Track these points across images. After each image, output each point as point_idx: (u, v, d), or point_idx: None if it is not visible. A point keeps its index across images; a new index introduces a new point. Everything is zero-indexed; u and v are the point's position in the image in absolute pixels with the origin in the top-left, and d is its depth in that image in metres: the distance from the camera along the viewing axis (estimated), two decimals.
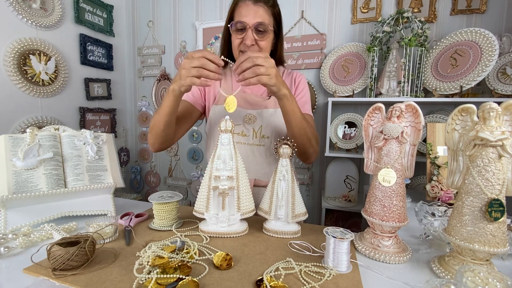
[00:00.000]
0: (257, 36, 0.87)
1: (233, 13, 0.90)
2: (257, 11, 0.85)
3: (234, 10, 0.89)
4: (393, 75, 1.63)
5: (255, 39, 0.87)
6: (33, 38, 1.70)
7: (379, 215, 0.63)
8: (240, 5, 0.87)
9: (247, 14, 0.85)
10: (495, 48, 1.40)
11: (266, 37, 0.89)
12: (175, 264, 0.54)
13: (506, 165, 0.54)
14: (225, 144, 0.72)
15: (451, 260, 0.57)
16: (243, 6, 0.86)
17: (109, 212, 0.86)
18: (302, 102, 0.99)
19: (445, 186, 1.11)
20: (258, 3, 0.86)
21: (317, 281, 0.52)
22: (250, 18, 0.85)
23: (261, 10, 0.86)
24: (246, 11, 0.85)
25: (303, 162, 0.99)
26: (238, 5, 0.88)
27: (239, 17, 0.87)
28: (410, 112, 0.65)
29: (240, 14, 0.86)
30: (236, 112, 0.93)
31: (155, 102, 2.40)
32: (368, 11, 1.81)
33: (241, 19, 0.86)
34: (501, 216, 0.51)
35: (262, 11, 0.86)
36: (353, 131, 1.77)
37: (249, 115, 0.96)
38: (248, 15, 0.85)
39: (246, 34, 0.86)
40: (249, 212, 0.74)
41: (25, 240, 0.66)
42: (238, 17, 0.87)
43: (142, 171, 2.57)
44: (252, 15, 0.85)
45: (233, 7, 0.90)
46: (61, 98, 1.91)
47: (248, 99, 0.97)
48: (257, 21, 0.85)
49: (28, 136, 0.81)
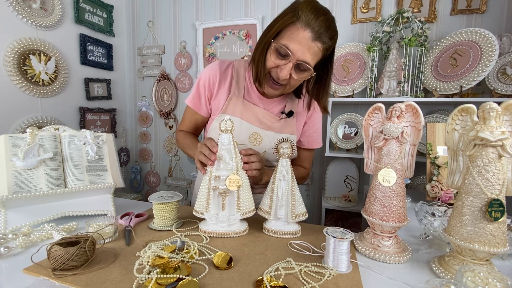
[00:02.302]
0: (294, 72, 0.75)
1: (284, 28, 0.73)
2: (311, 48, 0.71)
3: (287, 26, 0.72)
4: (393, 75, 1.63)
5: (291, 74, 0.76)
6: (33, 38, 1.70)
7: (379, 215, 0.63)
8: (298, 28, 0.70)
9: (299, 44, 0.70)
10: (495, 48, 1.40)
11: (302, 77, 0.78)
12: (175, 264, 0.54)
13: (506, 165, 0.54)
14: (225, 144, 0.72)
15: (451, 260, 0.57)
16: (300, 32, 0.70)
17: (109, 212, 0.86)
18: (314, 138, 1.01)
19: (445, 186, 1.11)
20: (317, 40, 0.70)
21: (317, 281, 0.52)
22: (300, 51, 0.71)
23: (316, 48, 0.71)
24: (299, 40, 0.70)
25: None
26: (295, 26, 0.70)
27: (290, 41, 0.71)
28: (410, 112, 0.65)
29: (293, 39, 0.71)
30: (243, 128, 0.89)
31: (155, 102, 2.40)
32: (368, 11, 1.81)
33: (290, 47, 0.71)
34: (501, 216, 0.51)
35: (316, 49, 0.72)
36: (353, 131, 1.77)
37: (255, 134, 0.90)
38: (300, 47, 0.71)
39: (285, 64, 0.74)
40: (249, 212, 0.74)
41: (25, 240, 0.66)
42: (288, 41, 0.71)
43: (142, 171, 2.57)
44: (304, 49, 0.71)
45: (289, 20, 0.71)
46: (61, 98, 1.91)
47: (259, 115, 0.90)
48: (304, 59, 0.72)
49: (28, 136, 0.81)
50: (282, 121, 0.92)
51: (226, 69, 0.93)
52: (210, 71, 0.93)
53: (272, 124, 0.91)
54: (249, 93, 0.92)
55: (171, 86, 2.32)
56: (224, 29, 2.13)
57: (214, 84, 0.92)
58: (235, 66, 0.94)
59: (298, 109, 0.95)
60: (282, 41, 0.72)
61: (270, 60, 0.76)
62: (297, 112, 0.95)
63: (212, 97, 0.94)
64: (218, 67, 0.92)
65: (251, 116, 0.90)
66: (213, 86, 0.92)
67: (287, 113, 0.92)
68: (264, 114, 0.91)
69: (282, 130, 0.92)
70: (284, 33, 0.73)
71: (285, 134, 0.92)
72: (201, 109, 0.97)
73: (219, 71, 0.92)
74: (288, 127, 0.93)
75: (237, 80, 0.92)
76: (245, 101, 0.91)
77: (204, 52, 2.21)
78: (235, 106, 0.90)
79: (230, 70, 0.93)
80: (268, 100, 0.92)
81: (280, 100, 0.93)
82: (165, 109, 2.37)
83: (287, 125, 0.93)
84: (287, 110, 0.93)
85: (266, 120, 0.91)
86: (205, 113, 0.98)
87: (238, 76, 0.92)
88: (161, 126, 2.44)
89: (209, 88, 0.93)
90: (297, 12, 0.70)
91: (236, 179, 0.70)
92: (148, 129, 2.49)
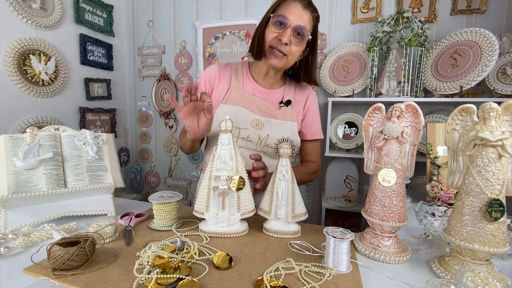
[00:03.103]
0: (293, 39, 0.85)
1: (278, 6, 0.86)
2: (303, 15, 0.84)
3: (280, 4, 0.86)
4: (393, 75, 1.63)
5: (291, 40, 0.85)
6: (33, 38, 1.70)
7: (379, 215, 0.63)
8: (288, 2, 0.85)
9: (293, 13, 0.83)
10: (495, 48, 1.40)
11: (301, 44, 0.87)
12: (175, 264, 0.54)
13: (506, 165, 0.54)
14: (225, 144, 0.72)
15: (451, 260, 0.57)
16: (292, 4, 0.84)
17: (109, 212, 0.86)
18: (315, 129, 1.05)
19: (445, 186, 1.11)
20: (307, 9, 0.84)
21: (317, 281, 0.52)
22: (295, 19, 0.83)
23: (306, 16, 0.84)
24: (293, 10, 0.83)
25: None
26: (287, 2, 0.85)
27: (285, 11, 0.84)
28: (410, 112, 0.65)
29: (286, 10, 0.84)
30: (244, 115, 0.93)
31: (155, 102, 2.40)
32: (368, 11, 1.80)
33: (287, 15, 0.83)
34: (501, 216, 0.51)
35: (307, 18, 0.85)
36: (353, 131, 1.77)
37: (256, 121, 0.94)
38: (294, 15, 0.83)
39: (284, 31, 0.84)
40: (249, 212, 0.74)
41: (25, 240, 0.66)
42: (284, 11, 0.84)
43: (142, 171, 2.57)
44: (298, 16, 0.83)
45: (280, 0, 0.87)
46: (61, 98, 1.91)
47: (259, 104, 0.96)
48: (300, 24, 0.83)
49: (28, 136, 0.81)
50: (282, 109, 0.97)
51: (224, 68, 1.01)
52: (210, 70, 1.01)
53: (272, 112, 0.96)
54: (247, 86, 0.98)
55: (171, 86, 2.32)
56: (224, 29, 2.13)
57: (214, 79, 0.99)
58: (234, 65, 1.02)
59: (295, 98, 1.01)
60: (279, 13, 0.85)
61: (271, 33, 0.86)
62: (295, 101, 1.01)
63: (213, 91, 0.99)
64: (217, 66, 1.01)
65: (251, 105, 0.95)
66: (213, 81, 0.99)
67: (285, 102, 0.97)
68: (263, 103, 0.96)
69: (283, 117, 0.96)
70: (279, 8, 0.86)
71: (286, 121, 0.96)
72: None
73: (218, 69, 1.00)
74: (288, 115, 0.98)
75: (235, 75, 0.99)
76: (245, 92, 0.97)
77: (204, 52, 2.21)
78: (235, 96, 0.95)
79: (228, 68, 1.01)
80: (266, 91, 0.98)
81: (277, 91, 1.00)
82: (165, 109, 2.37)
83: (287, 113, 0.97)
84: (285, 99, 0.98)
85: (266, 108, 0.96)
86: None
87: (237, 72, 1.00)
88: (161, 126, 2.44)
89: (210, 83, 0.99)
90: None
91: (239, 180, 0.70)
92: (148, 129, 2.49)
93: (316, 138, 1.06)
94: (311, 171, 1.05)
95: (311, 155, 1.07)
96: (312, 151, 1.07)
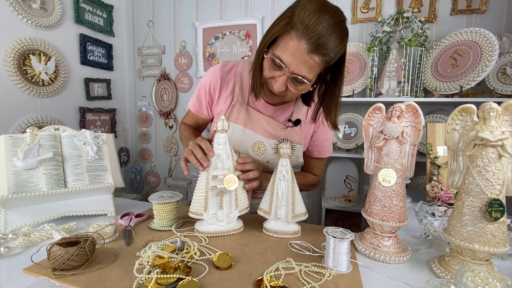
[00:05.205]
0: (290, 84, 0.69)
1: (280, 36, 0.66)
2: (306, 62, 0.64)
3: (283, 33, 0.64)
4: (393, 75, 1.63)
5: (287, 86, 0.70)
6: (33, 38, 1.70)
7: (379, 215, 0.63)
8: (292, 38, 0.62)
9: (293, 58, 0.64)
10: (495, 48, 1.40)
11: (300, 90, 0.71)
12: (175, 264, 0.54)
13: (506, 165, 0.54)
14: (221, 144, 0.72)
15: (451, 260, 0.57)
16: (295, 45, 0.62)
17: (109, 212, 0.86)
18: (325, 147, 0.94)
19: (445, 186, 1.11)
20: (314, 53, 0.62)
21: (317, 281, 0.52)
22: (294, 66, 0.65)
23: (313, 62, 0.64)
24: (294, 54, 0.63)
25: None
26: (290, 35, 0.63)
27: (283, 52, 0.64)
28: (410, 112, 0.65)
29: (287, 50, 0.64)
30: (246, 136, 0.86)
31: (155, 102, 2.40)
32: (368, 11, 1.81)
33: (283, 60, 0.65)
34: (501, 216, 0.51)
35: (313, 64, 0.64)
36: (353, 131, 1.77)
37: (259, 143, 0.85)
38: (294, 61, 0.64)
39: (279, 77, 0.68)
40: (245, 209, 0.76)
41: (25, 240, 0.66)
42: (282, 52, 0.64)
43: (142, 171, 2.57)
44: (298, 64, 0.64)
45: (283, 29, 0.64)
46: (61, 98, 1.91)
47: (264, 124, 0.85)
48: (299, 73, 0.65)
49: (28, 136, 0.81)
50: (288, 130, 0.86)
51: (228, 73, 0.88)
52: (211, 76, 0.88)
53: (277, 133, 0.86)
54: (253, 100, 0.86)
55: (171, 86, 2.32)
56: (224, 29, 2.13)
57: (215, 89, 0.88)
58: (239, 69, 0.88)
59: (307, 117, 0.89)
60: (276, 52, 0.66)
61: (266, 72, 0.71)
62: (305, 121, 0.88)
63: (213, 103, 0.91)
64: (219, 71, 0.87)
65: (255, 124, 0.85)
66: (213, 91, 0.89)
67: (294, 122, 0.86)
68: (269, 122, 0.86)
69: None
70: (279, 41, 0.66)
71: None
72: (202, 113, 0.96)
73: (220, 76, 0.87)
74: (295, 136, 0.87)
75: (240, 85, 0.87)
76: (249, 108, 0.86)
77: (204, 52, 2.21)
78: (239, 113, 0.86)
79: (233, 75, 0.88)
80: (274, 108, 0.87)
81: (286, 107, 0.88)
82: (165, 109, 2.38)
83: (293, 134, 0.86)
84: (294, 118, 0.87)
85: (270, 128, 0.86)
86: (206, 116, 0.97)
87: (242, 81, 0.87)
88: (161, 126, 2.44)
89: (210, 93, 0.90)
90: (293, 17, 0.62)
91: (232, 177, 0.71)
92: (148, 129, 2.50)
93: (324, 157, 0.97)
94: (309, 184, 0.98)
95: (314, 169, 0.99)
96: (316, 166, 0.99)
